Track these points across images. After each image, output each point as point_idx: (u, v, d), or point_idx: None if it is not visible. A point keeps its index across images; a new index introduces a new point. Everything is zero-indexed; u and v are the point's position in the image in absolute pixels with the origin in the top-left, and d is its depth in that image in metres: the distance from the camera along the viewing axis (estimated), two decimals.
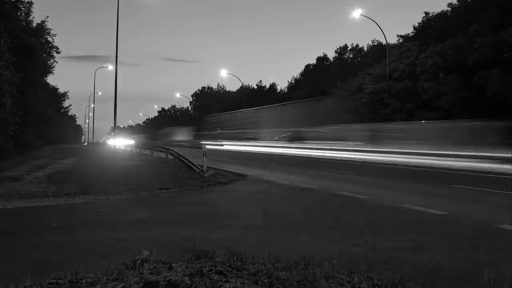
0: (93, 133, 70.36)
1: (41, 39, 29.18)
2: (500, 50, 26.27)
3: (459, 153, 18.19)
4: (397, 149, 21.45)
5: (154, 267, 2.63)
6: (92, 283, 2.42)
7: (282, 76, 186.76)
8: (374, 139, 27.62)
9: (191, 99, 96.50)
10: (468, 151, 18.13)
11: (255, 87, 79.20)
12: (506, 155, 16.35)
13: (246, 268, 2.79)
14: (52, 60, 32.96)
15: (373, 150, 23.32)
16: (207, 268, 2.67)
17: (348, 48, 58.76)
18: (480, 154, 17.44)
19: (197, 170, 14.29)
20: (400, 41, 41.81)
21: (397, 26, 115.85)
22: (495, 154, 16.83)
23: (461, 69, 29.34)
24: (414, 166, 17.02)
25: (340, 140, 29.20)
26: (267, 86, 79.23)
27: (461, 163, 16.54)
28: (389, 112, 35.07)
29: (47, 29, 30.02)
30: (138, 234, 5.59)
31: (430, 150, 19.87)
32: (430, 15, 37.06)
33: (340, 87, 45.68)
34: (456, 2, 33.58)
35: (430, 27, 37.43)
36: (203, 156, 14.74)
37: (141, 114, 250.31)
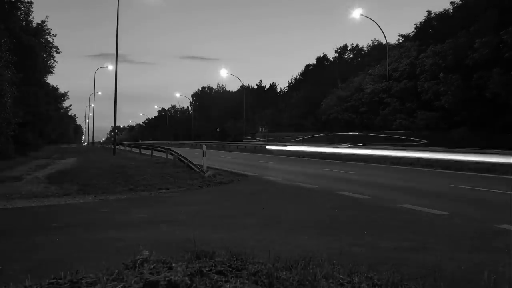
0: (93, 133, 70.30)
1: (41, 39, 29.21)
2: (500, 50, 26.26)
3: None
4: None
5: (154, 267, 2.63)
6: (92, 283, 2.42)
7: (282, 76, 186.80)
8: None
9: (191, 99, 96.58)
10: None
11: (255, 87, 79.23)
12: None
13: (246, 268, 2.78)
14: (52, 60, 33.03)
15: None
16: (207, 268, 2.67)
17: (348, 48, 58.78)
18: None
19: (197, 170, 14.29)
20: (401, 40, 41.81)
21: (397, 25, 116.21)
22: None
23: (461, 69, 29.34)
24: None
25: None
26: (267, 86, 79.28)
27: None
28: (389, 112, 35.08)
29: (47, 29, 30.07)
30: (138, 234, 5.59)
31: None
32: (432, 14, 37.03)
33: (340, 87, 45.72)
34: (458, 1, 33.54)
35: (431, 27, 37.43)
36: (203, 156, 14.74)
37: (141, 114, 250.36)
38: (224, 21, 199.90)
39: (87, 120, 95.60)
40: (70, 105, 77.24)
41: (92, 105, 66.15)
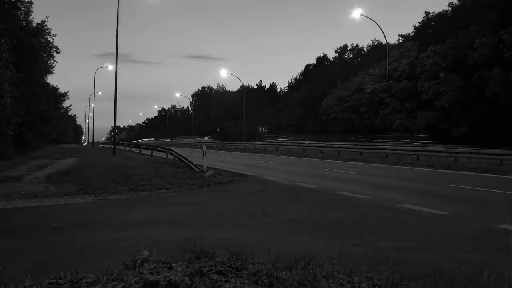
0: (93, 133, 70.29)
1: (41, 39, 29.22)
2: (500, 50, 26.27)
3: None
4: None
5: (154, 267, 2.63)
6: (92, 283, 2.42)
7: (282, 76, 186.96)
8: None
9: (191, 99, 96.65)
10: None
11: (255, 87, 79.25)
12: None
13: (246, 268, 2.78)
14: (52, 60, 33.07)
15: None
16: (207, 268, 2.67)
17: (348, 48, 58.88)
18: None
19: (197, 170, 14.29)
20: (400, 40, 41.88)
21: (397, 26, 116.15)
22: None
23: (461, 69, 29.36)
24: None
25: None
26: (267, 86, 79.31)
27: None
28: (389, 112, 35.07)
29: (47, 29, 30.09)
30: (138, 234, 5.58)
31: None
32: (431, 15, 37.09)
33: (340, 87, 45.73)
34: (456, 2, 33.60)
35: (430, 27, 37.47)
36: (203, 156, 14.74)
37: (141, 114, 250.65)
38: (225, 21, 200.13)
39: (87, 120, 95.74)
40: (70, 105, 77.53)
41: (92, 105, 66.26)
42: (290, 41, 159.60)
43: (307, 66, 64.51)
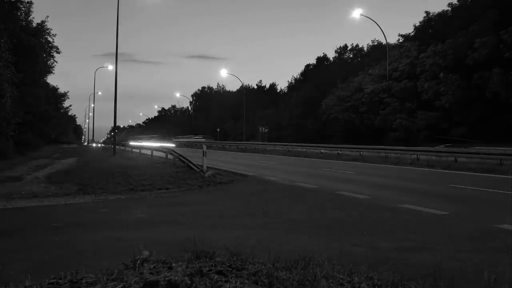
0: (93, 133, 70.36)
1: (41, 39, 29.24)
2: (500, 50, 26.28)
3: None
4: None
5: (154, 267, 2.62)
6: (92, 283, 2.42)
7: (282, 76, 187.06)
8: None
9: (191, 99, 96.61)
10: None
11: (255, 87, 79.22)
12: None
13: (246, 268, 2.78)
14: (52, 60, 33.10)
15: None
16: (207, 268, 2.67)
17: (348, 48, 58.79)
18: None
19: (197, 170, 14.29)
20: (401, 40, 41.84)
21: (397, 26, 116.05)
22: None
23: (461, 69, 29.37)
24: None
25: None
26: (267, 86, 79.26)
27: None
28: (389, 112, 35.06)
29: (47, 29, 30.11)
30: (138, 234, 5.59)
31: None
32: (431, 14, 37.09)
33: (340, 87, 45.72)
34: (456, 2, 33.61)
35: (430, 27, 37.47)
36: (203, 156, 14.74)
37: (141, 114, 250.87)
38: (225, 21, 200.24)
39: (87, 120, 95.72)
40: (70, 105, 77.62)
41: (92, 105, 66.26)
42: (291, 41, 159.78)
43: (307, 66, 64.49)
